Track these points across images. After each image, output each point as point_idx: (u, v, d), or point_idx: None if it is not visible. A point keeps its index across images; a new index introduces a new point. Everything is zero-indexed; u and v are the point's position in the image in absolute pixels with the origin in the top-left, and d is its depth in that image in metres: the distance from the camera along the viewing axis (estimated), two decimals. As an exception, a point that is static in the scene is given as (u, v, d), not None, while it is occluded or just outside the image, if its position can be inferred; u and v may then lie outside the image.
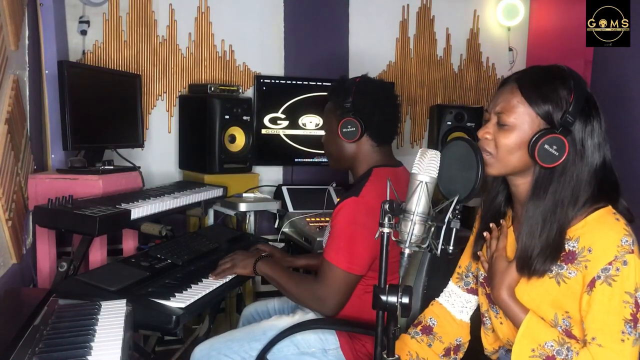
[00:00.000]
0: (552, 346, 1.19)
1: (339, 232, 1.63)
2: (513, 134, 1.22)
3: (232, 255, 1.88)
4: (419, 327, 1.48)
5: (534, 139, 1.20)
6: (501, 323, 1.36)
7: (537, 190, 1.23)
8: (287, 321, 1.67)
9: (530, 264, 1.23)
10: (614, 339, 1.13)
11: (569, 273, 1.19)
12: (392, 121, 1.79)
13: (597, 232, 1.18)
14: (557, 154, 1.18)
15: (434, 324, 1.47)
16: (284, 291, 1.74)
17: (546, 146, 1.18)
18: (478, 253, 1.38)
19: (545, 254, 1.21)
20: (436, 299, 1.53)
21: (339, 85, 1.80)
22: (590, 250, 1.17)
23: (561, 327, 1.22)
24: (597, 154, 1.21)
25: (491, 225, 1.34)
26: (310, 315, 1.69)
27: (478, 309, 1.49)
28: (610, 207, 1.21)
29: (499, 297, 1.27)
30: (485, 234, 1.34)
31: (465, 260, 1.49)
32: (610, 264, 1.14)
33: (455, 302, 1.49)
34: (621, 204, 1.24)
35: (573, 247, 1.20)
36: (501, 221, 1.35)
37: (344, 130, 1.72)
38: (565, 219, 1.21)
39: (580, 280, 1.18)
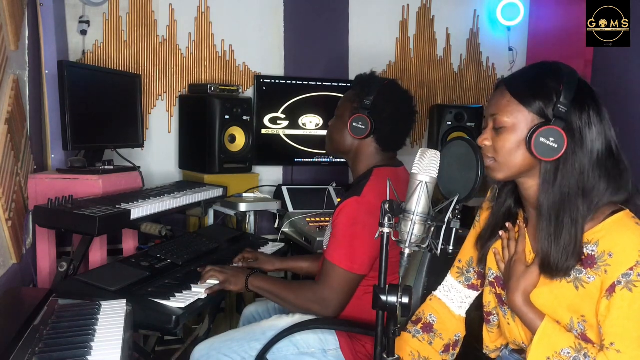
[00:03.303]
0: (568, 353, 1.17)
1: (340, 232, 1.63)
2: (510, 135, 1.22)
3: (222, 270, 1.79)
4: (420, 325, 1.47)
5: (529, 134, 1.19)
6: (509, 324, 1.35)
7: (545, 187, 1.21)
8: (287, 321, 1.66)
9: (553, 264, 1.20)
10: (633, 345, 1.12)
11: (588, 278, 1.17)
12: (402, 134, 1.78)
13: (617, 236, 1.15)
14: (555, 145, 1.16)
15: (434, 320, 1.46)
16: (281, 301, 1.72)
17: (542, 139, 1.16)
18: (493, 251, 1.36)
19: (566, 251, 1.18)
20: (434, 292, 1.52)
21: (367, 79, 1.79)
22: (610, 255, 1.15)
23: (577, 330, 1.21)
24: (598, 142, 1.19)
25: (508, 224, 1.32)
26: (310, 316, 1.68)
27: (476, 310, 1.48)
28: (628, 210, 1.19)
29: (513, 302, 1.25)
30: (501, 232, 1.32)
31: (466, 254, 1.47)
32: (631, 269, 1.12)
33: (455, 298, 1.48)
34: (634, 203, 1.21)
35: (592, 251, 1.17)
36: (518, 222, 1.33)
37: (354, 124, 1.72)
38: (577, 212, 1.18)
39: (599, 285, 1.16)
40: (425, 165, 1.14)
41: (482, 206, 1.46)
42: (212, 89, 2.87)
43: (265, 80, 3.15)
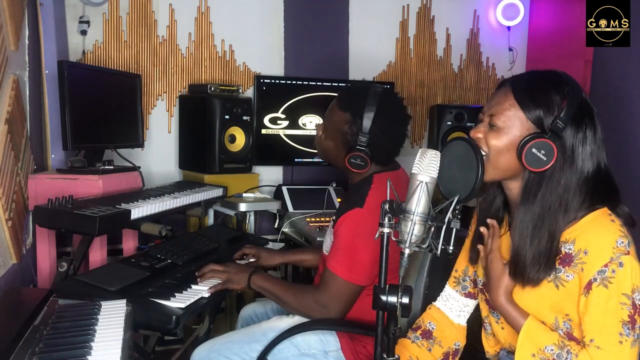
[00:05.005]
0: (552, 350, 1.18)
1: (342, 243, 1.62)
2: (503, 136, 1.23)
3: (225, 269, 1.77)
4: (419, 332, 1.47)
5: (522, 142, 1.20)
6: (502, 328, 1.35)
7: (526, 195, 1.23)
8: (287, 322, 1.66)
9: (524, 272, 1.22)
10: (611, 341, 1.13)
11: (567, 276, 1.19)
12: (399, 145, 1.73)
13: (592, 233, 1.17)
14: (545, 158, 1.18)
15: (433, 328, 1.47)
16: (281, 303, 1.72)
17: (534, 150, 1.18)
18: (478, 247, 1.36)
19: (538, 262, 1.20)
20: (433, 303, 1.53)
21: (359, 100, 1.66)
22: (586, 253, 1.17)
23: (562, 330, 1.22)
24: (588, 162, 1.20)
25: (489, 221, 1.32)
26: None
27: (475, 311, 1.49)
28: (606, 208, 1.20)
29: (496, 302, 1.27)
30: (482, 229, 1.33)
31: (461, 264, 1.49)
32: (606, 266, 1.14)
33: (453, 307, 1.49)
34: (622, 209, 1.22)
35: (569, 249, 1.19)
36: (488, 220, 1.32)
37: (352, 160, 1.66)
38: (556, 227, 1.20)
39: (578, 283, 1.18)
40: (425, 165, 1.14)
41: (473, 215, 1.46)
42: (212, 89, 2.87)
43: (265, 80, 3.15)
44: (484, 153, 1.24)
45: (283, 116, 3.18)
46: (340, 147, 1.71)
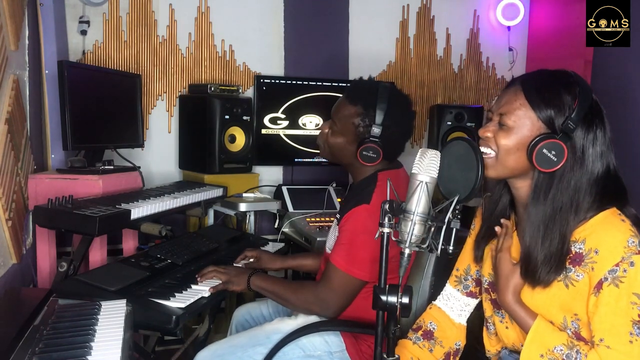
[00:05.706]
0: (561, 350, 1.18)
1: (346, 238, 1.62)
2: (513, 135, 1.22)
3: (225, 271, 1.79)
4: (420, 332, 1.47)
5: (533, 142, 1.20)
6: (507, 328, 1.35)
7: (536, 195, 1.23)
8: (290, 324, 1.65)
9: (535, 273, 1.22)
10: (622, 340, 1.12)
11: (577, 276, 1.19)
12: (408, 138, 1.75)
13: (603, 233, 1.17)
14: (555, 159, 1.17)
15: (434, 328, 1.46)
16: (281, 301, 1.72)
17: (544, 150, 1.18)
18: (491, 247, 1.36)
19: (549, 263, 1.20)
20: (434, 302, 1.53)
21: (371, 97, 1.67)
22: (596, 252, 1.16)
23: (570, 329, 1.22)
24: (598, 163, 1.20)
25: (503, 221, 1.32)
26: (314, 318, 1.67)
27: (475, 310, 1.49)
28: (615, 208, 1.20)
29: (505, 302, 1.26)
30: (497, 228, 1.32)
31: (463, 263, 1.48)
32: (617, 265, 1.13)
33: (454, 306, 1.48)
34: (629, 210, 1.22)
35: (580, 249, 1.19)
36: (502, 220, 1.33)
37: (364, 153, 1.65)
38: (567, 227, 1.20)
39: (587, 282, 1.17)
40: (425, 165, 1.14)
41: (476, 214, 1.46)
42: (212, 89, 2.87)
43: (265, 80, 3.15)
44: (492, 152, 1.24)
45: (283, 116, 3.18)
46: (351, 141, 1.70)
